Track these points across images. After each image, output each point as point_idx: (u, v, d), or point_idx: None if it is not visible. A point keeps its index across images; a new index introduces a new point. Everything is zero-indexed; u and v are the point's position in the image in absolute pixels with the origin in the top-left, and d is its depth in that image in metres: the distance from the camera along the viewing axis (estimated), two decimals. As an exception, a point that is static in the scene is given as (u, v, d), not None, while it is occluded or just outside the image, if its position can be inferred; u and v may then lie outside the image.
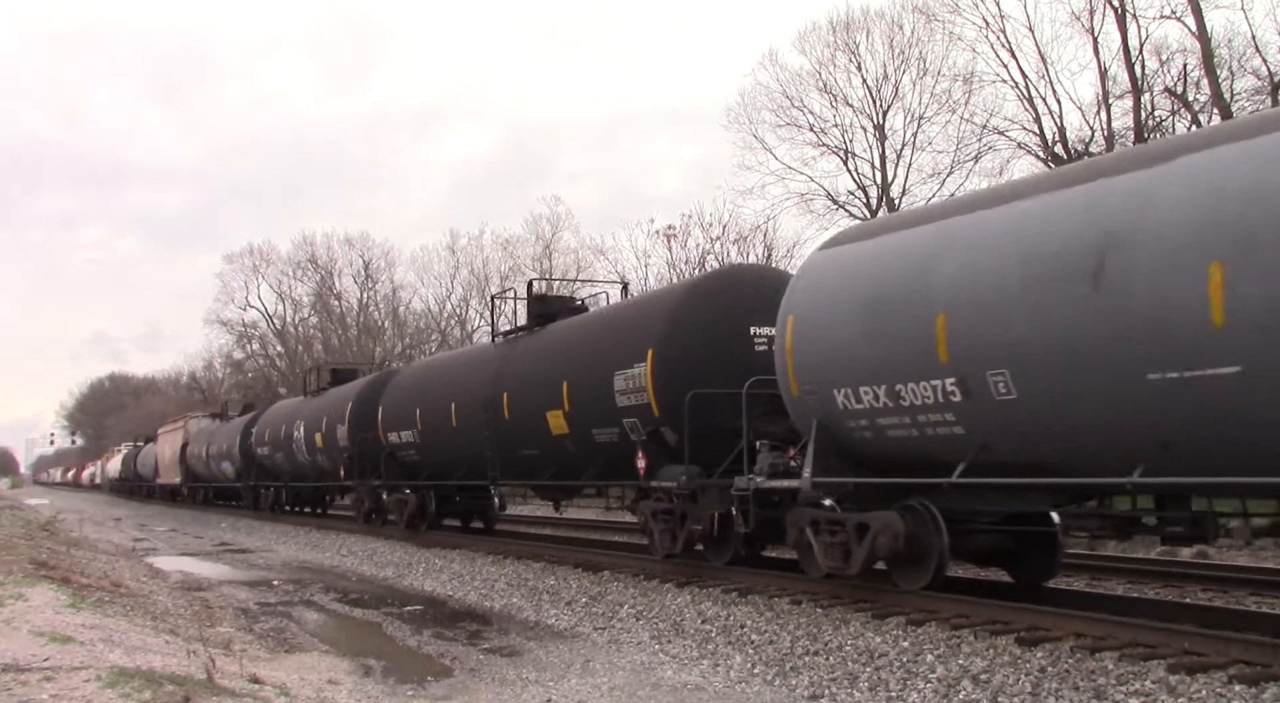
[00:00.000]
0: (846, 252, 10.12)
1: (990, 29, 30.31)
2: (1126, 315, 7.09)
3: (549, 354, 15.47)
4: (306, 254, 64.50)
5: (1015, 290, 7.92)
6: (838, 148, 34.06)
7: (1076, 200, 7.75)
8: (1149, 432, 7.15)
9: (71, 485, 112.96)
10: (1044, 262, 7.73)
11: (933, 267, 8.74)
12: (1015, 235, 8.14)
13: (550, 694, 8.02)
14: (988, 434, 8.34)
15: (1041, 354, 7.69)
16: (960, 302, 8.37)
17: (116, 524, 34.39)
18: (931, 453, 8.85)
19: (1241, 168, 6.71)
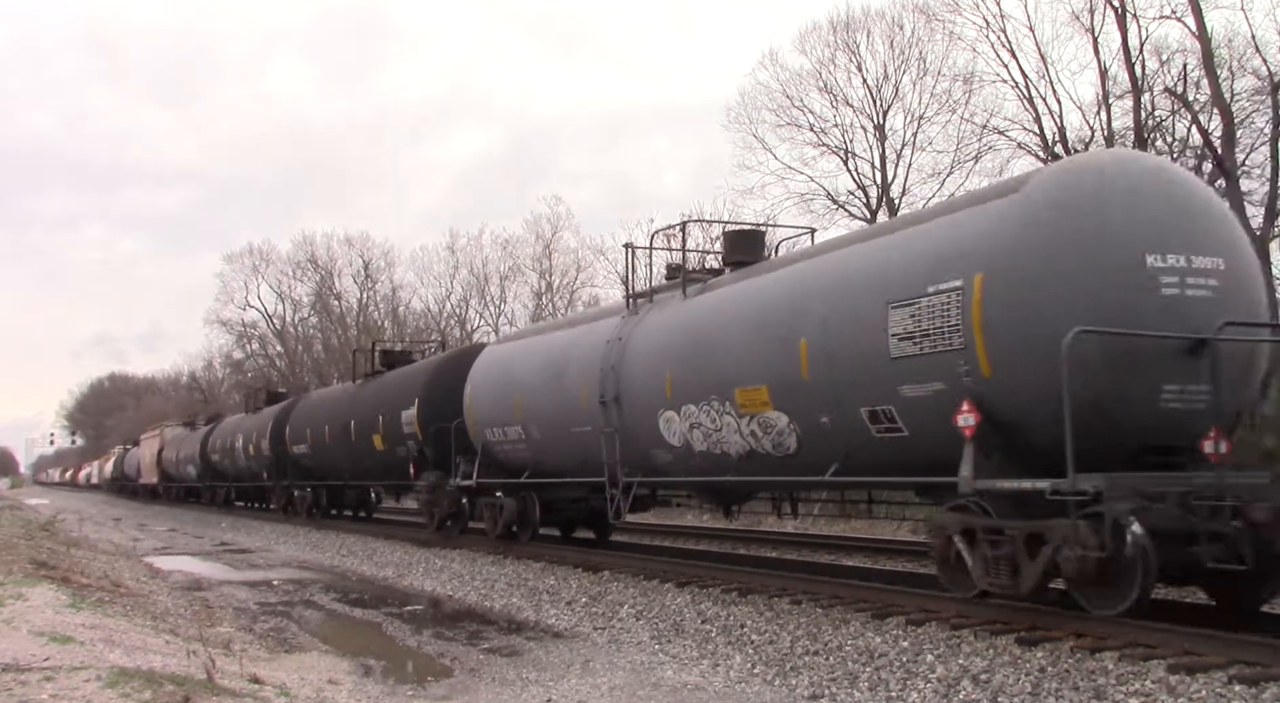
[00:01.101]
0: (496, 350, 17.99)
1: (990, 29, 30.28)
2: (570, 399, 14.42)
3: (377, 396, 22.48)
4: (306, 254, 64.56)
5: (539, 382, 15.37)
6: (838, 148, 34.03)
7: (570, 337, 15.31)
8: (580, 455, 14.45)
9: (70, 485, 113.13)
10: (548, 368, 15.27)
11: (515, 366, 16.46)
12: (542, 353, 15.79)
13: (550, 694, 8.01)
14: (537, 456, 15.83)
15: (542, 418, 15.30)
16: (523, 387, 15.86)
17: (116, 524, 34.40)
18: (522, 464, 16.35)
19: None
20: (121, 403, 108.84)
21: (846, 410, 9.76)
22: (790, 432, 10.63)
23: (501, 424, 16.40)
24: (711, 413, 11.64)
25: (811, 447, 10.43)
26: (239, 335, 69.27)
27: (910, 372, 8.99)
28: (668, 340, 12.66)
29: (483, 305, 54.77)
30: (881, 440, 9.52)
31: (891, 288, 9.20)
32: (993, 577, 8.48)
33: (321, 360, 62.44)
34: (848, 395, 9.72)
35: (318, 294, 64.65)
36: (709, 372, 11.63)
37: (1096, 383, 7.81)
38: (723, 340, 11.56)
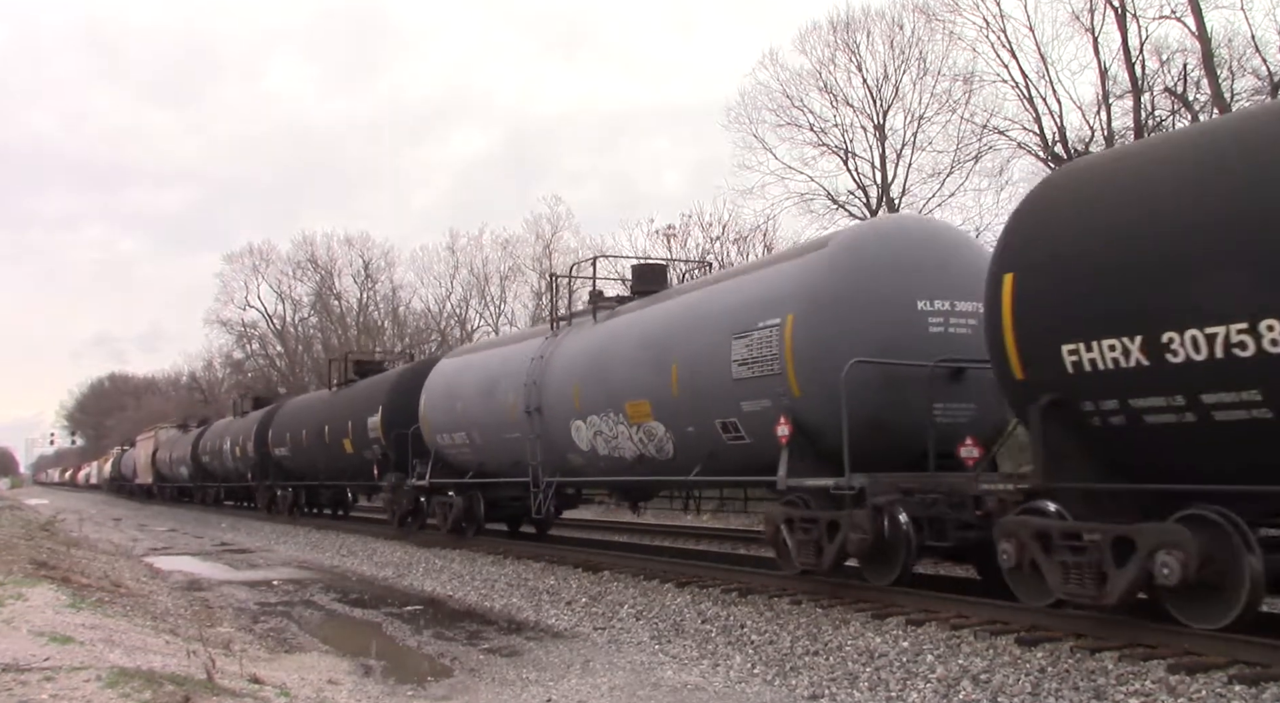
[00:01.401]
0: (445, 364, 19.85)
1: (990, 29, 30.33)
2: (503, 409, 16.29)
3: (347, 403, 24.27)
4: (306, 254, 64.58)
5: (475, 396, 17.46)
6: (838, 148, 34.07)
7: (503, 354, 17.47)
8: (512, 457, 16.37)
9: (70, 485, 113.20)
10: (484, 381, 17.27)
11: (460, 379, 18.39)
12: (480, 368, 17.93)
13: (550, 694, 8.02)
14: (479, 458, 17.76)
15: (481, 424, 17.20)
16: (465, 398, 17.71)
17: (116, 524, 34.40)
18: (467, 466, 18.33)
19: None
20: (121, 403, 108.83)
21: (706, 422, 11.68)
22: (668, 439, 12.53)
23: (450, 430, 18.36)
24: (610, 422, 13.52)
25: (683, 451, 12.34)
26: (239, 335, 69.36)
27: (747, 391, 10.93)
28: (578, 359, 14.53)
29: (483, 305, 54.83)
30: (732, 446, 11.44)
31: (734, 323, 11.18)
32: (804, 557, 10.39)
33: (321, 360, 62.43)
34: (706, 409, 11.62)
35: (318, 294, 64.67)
36: (607, 387, 13.49)
37: (877, 401, 9.76)
38: (618, 361, 13.45)
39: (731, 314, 11.33)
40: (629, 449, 13.34)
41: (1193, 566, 6.85)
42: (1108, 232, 7.46)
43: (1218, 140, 7.32)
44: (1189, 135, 8.84)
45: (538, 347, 15.81)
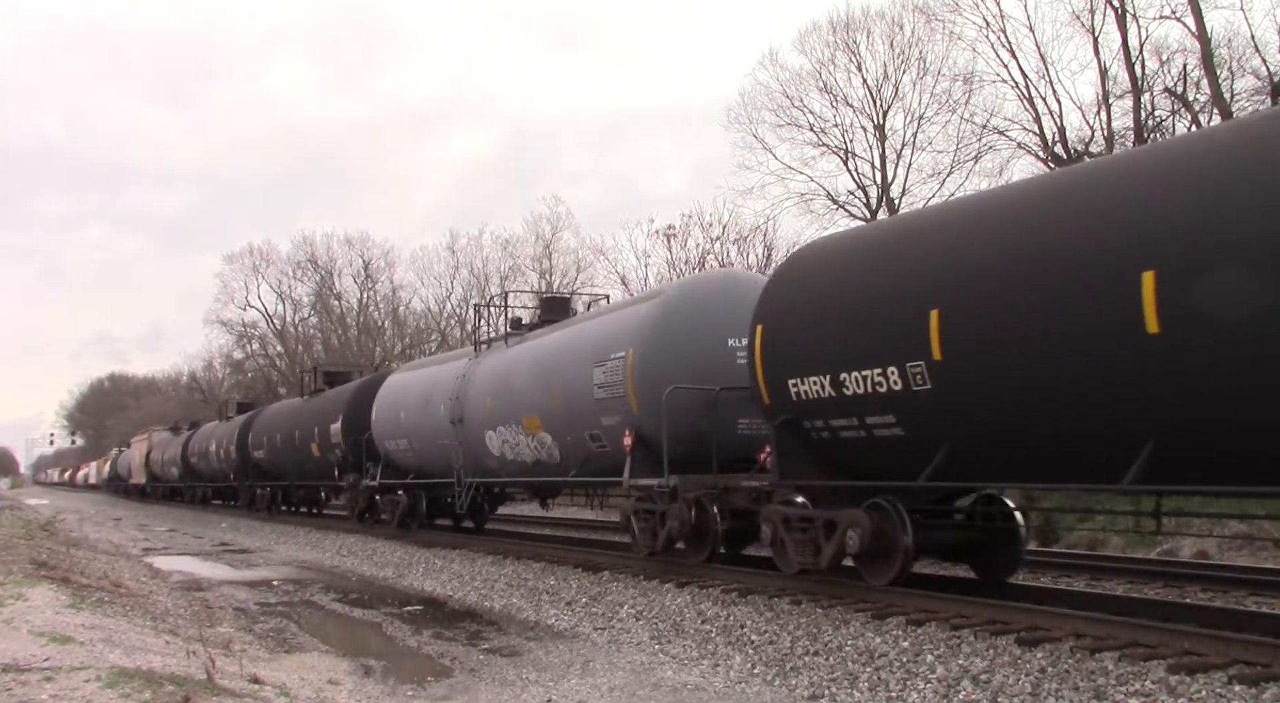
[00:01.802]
0: (392, 379, 22.17)
1: (990, 29, 30.29)
2: (436, 419, 18.42)
3: (315, 411, 26.39)
4: (306, 254, 64.52)
5: (414, 408, 19.54)
6: (838, 148, 34.04)
7: (436, 371, 19.61)
8: (444, 461, 18.55)
9: (69, 485, 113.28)
10: (421, 394, 19.43)
11: (403, 392, 20.63)
12: (419, 383, 19.97)
13: (550, 694, 8.02)
14: (419, 462, 20.03)
15: (419, 432, 19.36)
16: (407, 409, 19.97)
17: (116, 524, 34.40)
18: (410, 467, 20.49)
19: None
20: (121, 403, 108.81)
21: (579, 433, 14.23)
22: (554, 446, 14.98)
23: (395, 437, 20.86)
24: (513, 432, 15.98)
25: (566, 456, 14.87)
26: (239, 335, 69.31)
27: (604, 409, 13.47)
28: (491, 378, 16.95)
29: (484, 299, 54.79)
30: (598, 453, 14.02)
31: (595, 353, 13.75)
32: (645, 541, 13.16)
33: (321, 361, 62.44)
34: (578, 423, 14.17)
35: (318, 294, 64.64)
36: (511, 402, 15.95)
37: (694, 418, 12.30)
38: (519, 380, 15.90)
39: (594, 346, 13.94)
40: (528, 454, 15.86)
41: (867, 539, 9.63)
42: (813, 298, 10.25)
43: (871, 243, 10.51)
44: (866, 235, 11.61)
45: (463, 366, 18.25)
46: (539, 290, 32.42)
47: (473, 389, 17.28)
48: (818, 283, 10.35)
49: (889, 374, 8.95)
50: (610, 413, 13.32)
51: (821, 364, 9.72)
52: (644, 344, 12.79)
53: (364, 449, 22.17)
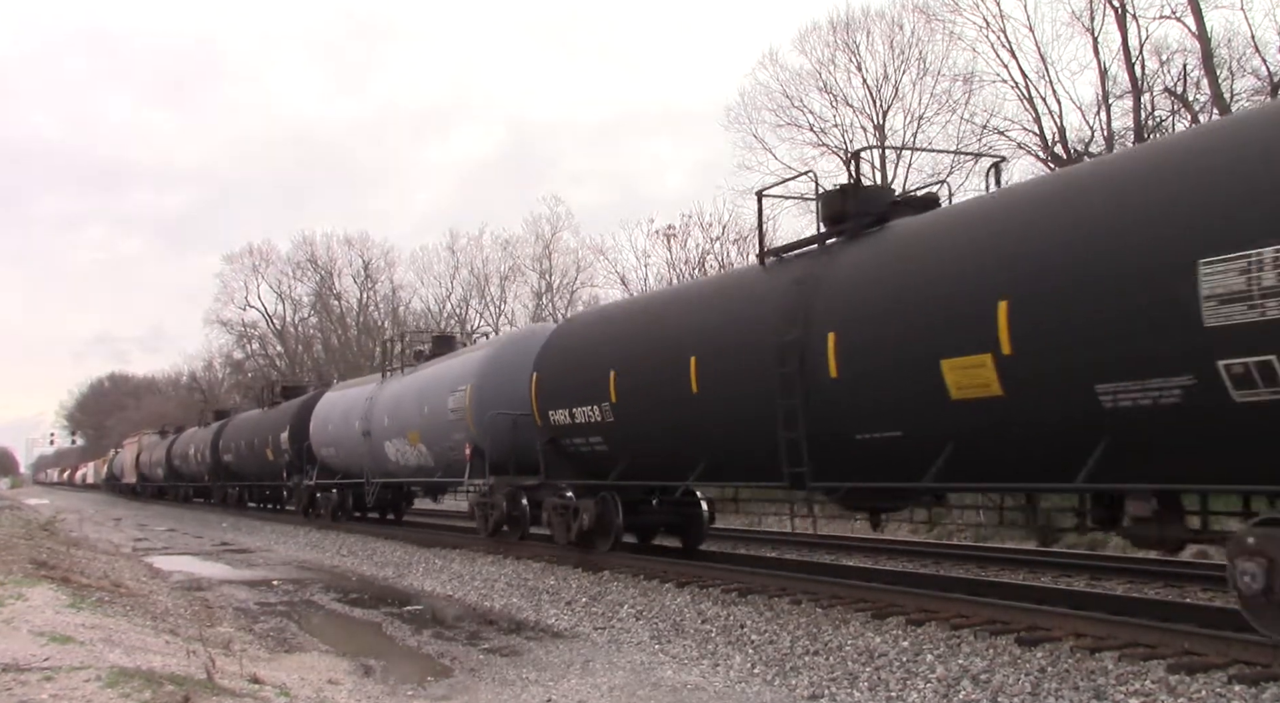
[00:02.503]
0: (326, 396, 26.63)
1: (990, 29, 30.35)
2: (353, 431, 22.95)
3: (270, 421, 30.51)
4: (306, 254, 64.60)
5: (339, 422, 24.18)
6: (838, 148, 34.08)
7: (355, 392, 24.31)
8: (360, 465, 23.34)
9: (68, 485, 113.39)
10: (344, 410, 24.02)
11: (332, 408, 25.03)
12: (343, 399, 24.59)
13: (550, 694, 8.01)
14: (344, 465, 24.35)
15: (341, 441, 24.05)
16: (334, 423, 24.37)
17: (116, 524, 34.40)
18: (338, 470, 24.72)
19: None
20: (121, 403, 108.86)
21: (443, 445, 18.75)
22: (429, 455, 19.59)
23: (326, 445, 25.25)
24: (403, 443, 20.64)
25: (436, 463, 19.44)
26: (239, 335, 69.35)
27: (455, 427, 18.01)
28: (389, 400, 21.61)
29: (483, 305, 54.86)
30: (455, 460, 18.28)
31: (451, 384, 18.41)
32: (482, 526, 17.87)
33: (321, 360, 62.46)
34: (441, 437, 18.73)
35: (318, 294, 64.68)
36: (401, 420, 20.69)
37: (510, 435, 16.32)
38: (406, 402, 20.58)
39: (451, 380, 18.46)
40: (413, 461, 20.53)
41: (592, 518, 14.36)
42: (562, 356, 14.86)
43: (587, 323, 15.77)
44: (590, 316, 16.84)
45: (372, 390, 23.13)
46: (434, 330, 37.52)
47: (376, 409, 22.09)
48: (563, 345, 15.05)
49: (595, 409, 13.60)
50: (458, 430, 17.88)
51: (565, 401, 14.30)
52: (479, 379, 17.40)
53: (305, 454, 26.57)
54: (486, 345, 19.22)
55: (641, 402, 12.61)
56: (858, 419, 9.49)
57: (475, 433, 17.02)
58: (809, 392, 9.81)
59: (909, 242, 9.60)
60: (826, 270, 10.19)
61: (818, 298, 9.97)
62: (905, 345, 8.87)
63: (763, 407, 10.32)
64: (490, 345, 18.90)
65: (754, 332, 10.63)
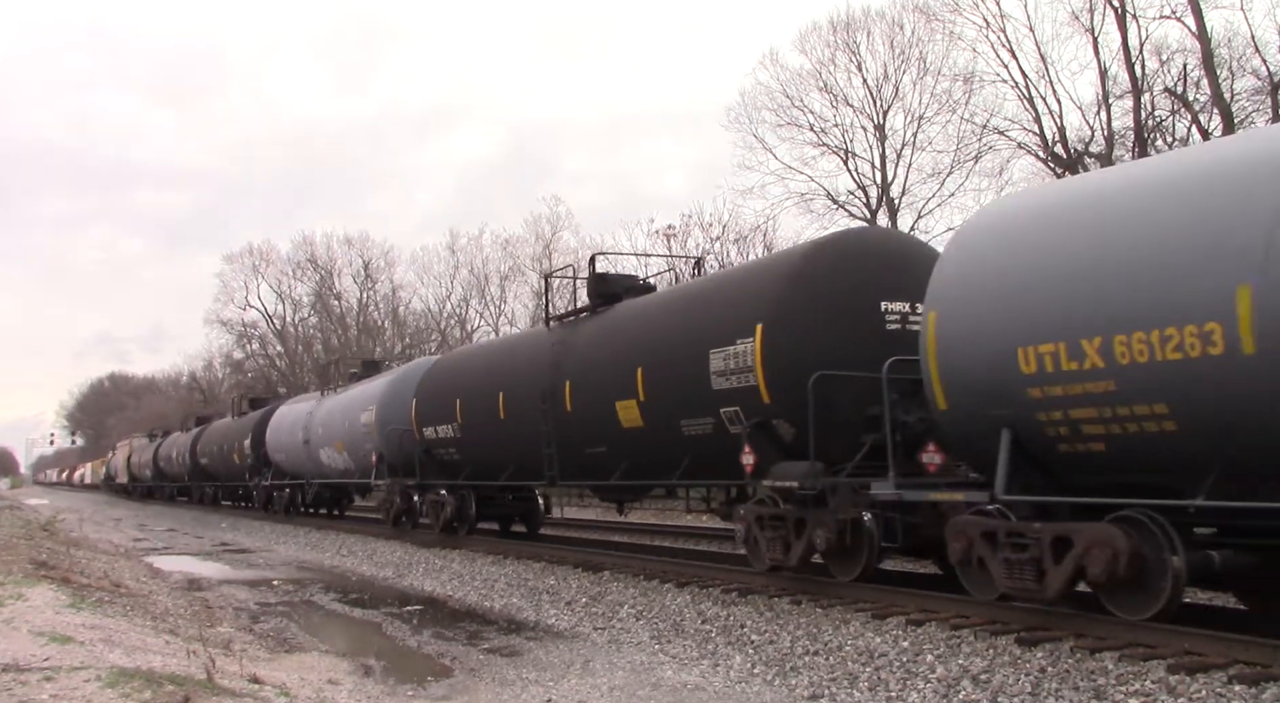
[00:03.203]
0: (279, 409, 31.74)
1: (990, 29, 30.36)
2: (298, 440, 27.35)
3: (238, 428, 34.28)
4: (306, 254, 64.57)
5: (289, 430, 28.33)
6: (838, 148, 34.10)
7: (298, 408, 28.82)
8: (305, 467, 27.45)
9: (67, 485, 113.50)
10: (291, 423, 28.38)
11: (283, 422, 29.43)
12: (291, 413, 28.76)
13: (550, 694, 8.01)
14: (292, 469, 28.98)
15: (290, 448, 28.22)
16: (284, 432, 28.52)
17: (116, 524, 34.40)
18: (288, 472, 29.35)
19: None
20: (121, 403, 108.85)
21: (361, 452, 22.67)
22: (351, 460, 23.45)
23: (278, 450, 29.44)
24: (333, 450, 24.49)
25: (357, 467, 23.18)
26: (239, 335, 69.32)
27: (366, 438, 22.21)
28: (325, 414, 25.47)
29: (483, 305, 54.84)
30: (367, 464, 21.97)
31: (362, 404, 22.61)
32: (385, 516, 21.62)
33: (321, 360, 62.45)
34: (358, 445, 22.76)
35: (318, 294, 64.65)
36: (330, 431, 24.69)
37: (400, 446, 20.26)
38: (336, 417, 24.36)
39: (364, 400, 22.84)
40: (341, 465, 24.49)
41: (453, 510, 18.50)
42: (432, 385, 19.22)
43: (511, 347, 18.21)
44: (460, 355, 21.72)
45: (313, 405, 27.19)
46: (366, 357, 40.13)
47: (314, 421, 26.08)
48: (432, 377, 19.91)
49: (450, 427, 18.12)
50: (369, 441, 22.07)
51: (433, 420, 19.26)
52: (381, 401, 21.69)
53: (263, 458, 30.63)
54: (390, 374, 23.47)
55: (476, 422, 17.05)
56: (584, 439, 13.92)
57: (379, 443, 21.38)
58: (556, 420, 14.43)
59: (613, 320, 14.14)
60: (572, 336, 14.80)
61: (565, 355, 14.48)
62: (601, 391, 13.31)
63: (536, 429, 14.83)
64: (392, 374, 23.10)
65: (533, 376, 15.10)
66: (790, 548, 10.57)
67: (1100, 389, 7.16)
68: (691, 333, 11.62)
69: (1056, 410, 7.53)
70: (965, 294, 8.29)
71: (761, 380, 10.48)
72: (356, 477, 23.35)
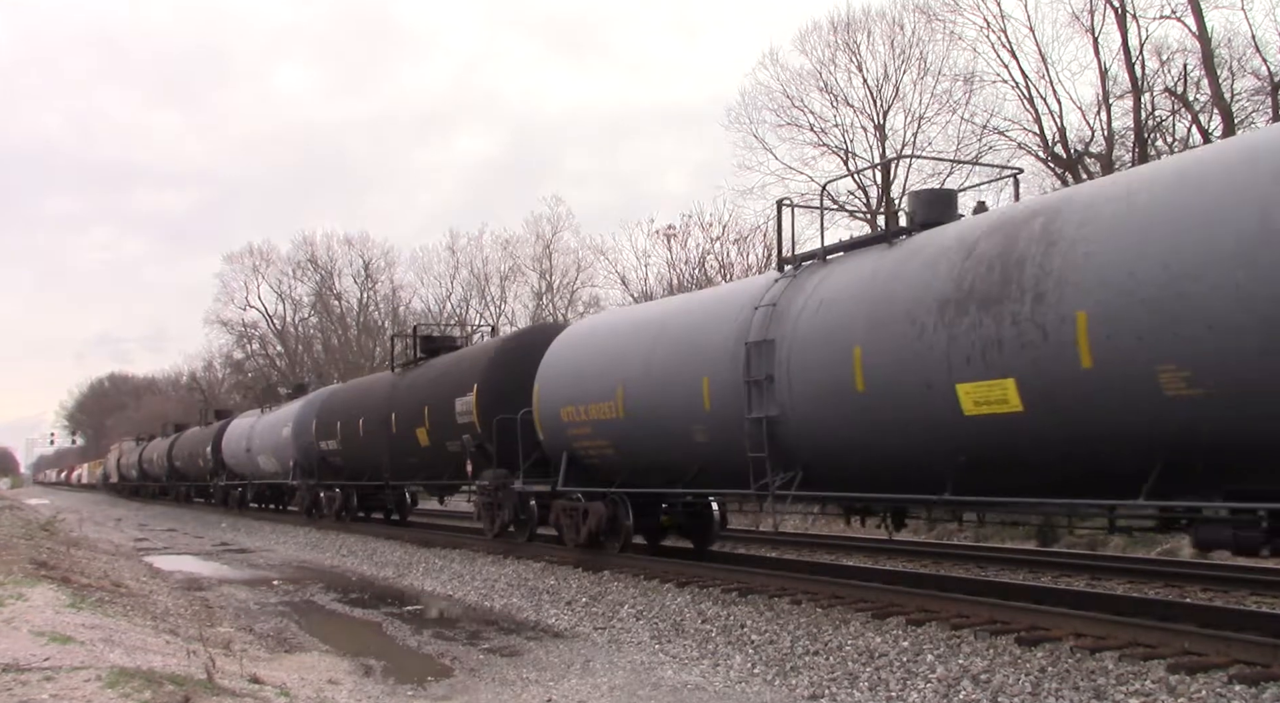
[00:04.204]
0: (232, 422, 37.29)
1: (991, 29, 30.32)
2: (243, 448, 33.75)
3: (202, 437, 40.16)
4: (306, 254, 64.58)
5: (237, 440, 34.09)
6: (838, 148, 34.07)
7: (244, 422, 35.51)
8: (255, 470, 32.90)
9: (65, 485, 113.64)
10: (240, 434, 34.42)
11: (233, 432, 35.82)
12: (240, 427, 34.87)
13: (550, 694, 8.02)
14: (242, 471, 34.58)
15: (237, 456, 34.24)
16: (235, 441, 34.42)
17: (116, 524, 34.41)
18: (242, 475, 35.27)
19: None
20: (121, 403, 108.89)
21: (285, 459, 28.00)
22: (280, 464, 28.48)
23: (231, 456, 34.66)
24: (269, 455, 29.52)
25: (282, 471, 28.21)
26: (239, 335, 69.33)
27: (290, 452, 27.54)
28: (260, 428, 31.23)
29: (483, 305, 54.84)
30: (287, 468, 27.54)
31: (282, 423, 28.62)
32: (302, 508, 28.15)
33: (321, 360, 62.44)
34: (284, 455, 27.99)
35: (318, 294, 64.65)
36: (264, 442, 30.13)
37: (306, 456, 26.85)
38: (270, 431, 29.78)
39: (285, 417, 28.23)
40: (272, 469, 29.84)
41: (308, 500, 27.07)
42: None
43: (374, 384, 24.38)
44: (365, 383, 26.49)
45: (254, 420, 32.66)
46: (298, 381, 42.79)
47: (254, 433, 31.55)
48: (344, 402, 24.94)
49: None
50: (288, 455, 27.67)
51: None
52: (296, 419, 26.61)
53: (220, 463, 36.13)
54: (303, 398, 28.81)
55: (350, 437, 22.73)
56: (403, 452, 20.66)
57: (295, 453, 27.09)
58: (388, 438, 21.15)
59: (421, 372, 20.95)
60: (400, 380, 21.91)
61: (394, 394, 21.37)
62: (409, 420, 20.04)
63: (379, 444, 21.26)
64: (305, 399, 28.55)
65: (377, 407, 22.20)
66: (494, 520, 16.98)
67: (588, 431, 13.71)
68: (446, 387, 18.23)
69: (581, 442, 13.90)
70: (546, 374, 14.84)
71: (477, 418, 16.77)
72: (282, 477, 29.30)
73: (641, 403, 12.61)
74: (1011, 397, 7.97)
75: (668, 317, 13.06)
